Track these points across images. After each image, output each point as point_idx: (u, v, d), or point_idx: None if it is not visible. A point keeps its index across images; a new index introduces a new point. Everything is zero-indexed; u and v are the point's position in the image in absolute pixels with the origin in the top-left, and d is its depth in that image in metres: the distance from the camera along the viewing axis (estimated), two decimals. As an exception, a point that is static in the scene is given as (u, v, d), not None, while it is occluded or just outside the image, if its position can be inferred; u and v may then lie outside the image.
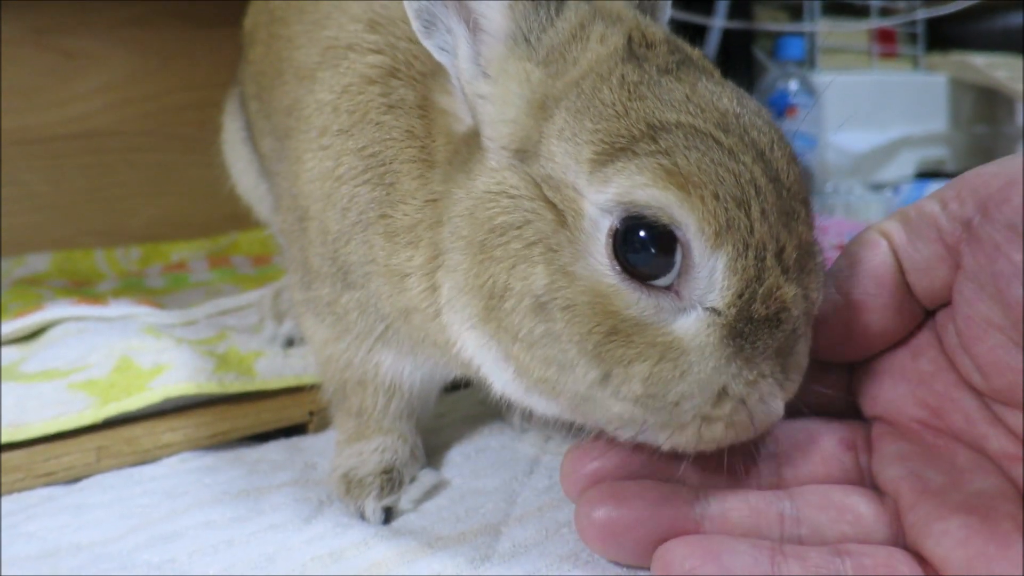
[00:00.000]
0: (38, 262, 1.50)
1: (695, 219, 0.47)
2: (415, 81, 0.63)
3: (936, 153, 2.91)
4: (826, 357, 0.59)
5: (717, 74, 0.57)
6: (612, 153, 0.49)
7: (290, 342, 1.02)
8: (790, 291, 0.50)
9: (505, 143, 0.54)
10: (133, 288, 1.40)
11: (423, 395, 0.76)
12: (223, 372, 0.92)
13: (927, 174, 2.80)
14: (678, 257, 0.48)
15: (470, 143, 0.57)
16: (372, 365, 0.72)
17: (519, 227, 0.52)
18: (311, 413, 0.92)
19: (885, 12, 2.85)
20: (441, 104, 0.61)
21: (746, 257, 0.48)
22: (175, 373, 0.90)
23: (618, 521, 0.54)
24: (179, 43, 1.65)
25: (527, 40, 0.53)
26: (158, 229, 1.64)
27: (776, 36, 2.47)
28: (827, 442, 0.60)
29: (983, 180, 0.52)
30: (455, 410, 0.91)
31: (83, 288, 1.39)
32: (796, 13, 2.84)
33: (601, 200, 0.49)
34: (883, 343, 0.59)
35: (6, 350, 1.04)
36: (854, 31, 2.83)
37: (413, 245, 0.61)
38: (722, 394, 0.50)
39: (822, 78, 2.51)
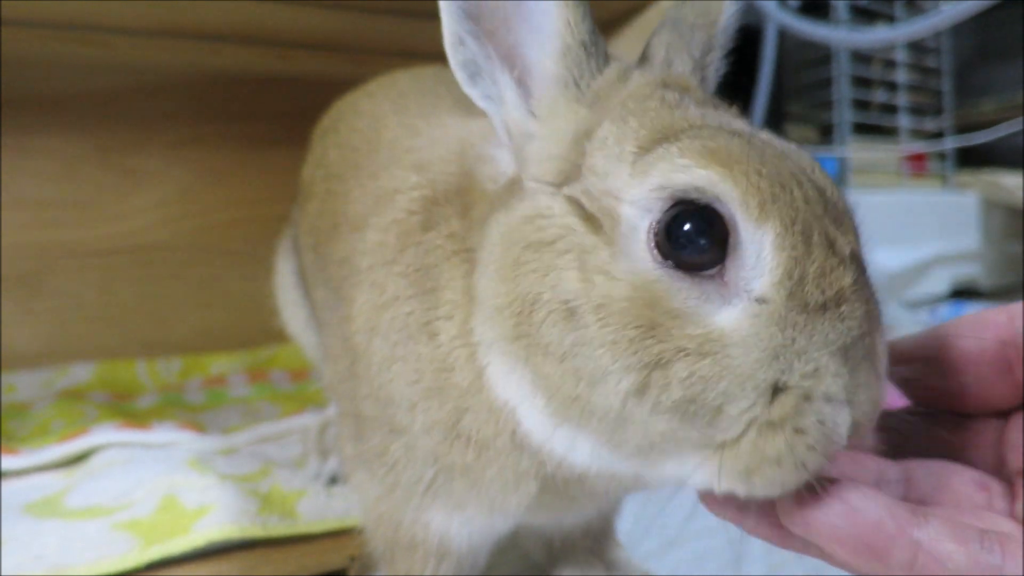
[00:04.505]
0: (80, 372, 1.52)
1: (739, 192, 0.45)
2: (455, 196, 0.64)
3: (969, 271, 2.90)
4: (977, 407, 0.55)
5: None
6: (655, 140, 0.49)
7: (334, 480, 1.01)
8: (848, 276, 0.46)
9: (550, 178, 0.54)
10: (173, 404, 1.41)
11: (472, 554, 0.74)
12: (267, 514, 0.92)
13: (961, 292, 2.80)
14: (722, 238, 0.46)
15: (510, 188, 0.58)
16: (421, 526, 0.71)
17: (552, 242, 0.51)
18: (351, 558, 0.90)
19: (915, 133, 2.91)
20: (481, 174, 0.62)
21: (793, 232, 0.45)
22: (219, 515, 0.89)
23: None
24: (232, 162, 1.71)
25: (577, 85, 0.55)
26: (200, 340, 1.66)
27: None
28: (958, 481, 0.54)
29: None
30: (498, 566, 0.89)
31: (124, 402, 1.40)
32: (827, 132, 2.91)
33: (642, 193, 0.48)
34: None
35: (51, 477, 1.04)
36: (884, 152, 2.88)
37: (447, 317, 0.60)
38: (777, 391, 0.44)
39: (853, 197, 2.54)
